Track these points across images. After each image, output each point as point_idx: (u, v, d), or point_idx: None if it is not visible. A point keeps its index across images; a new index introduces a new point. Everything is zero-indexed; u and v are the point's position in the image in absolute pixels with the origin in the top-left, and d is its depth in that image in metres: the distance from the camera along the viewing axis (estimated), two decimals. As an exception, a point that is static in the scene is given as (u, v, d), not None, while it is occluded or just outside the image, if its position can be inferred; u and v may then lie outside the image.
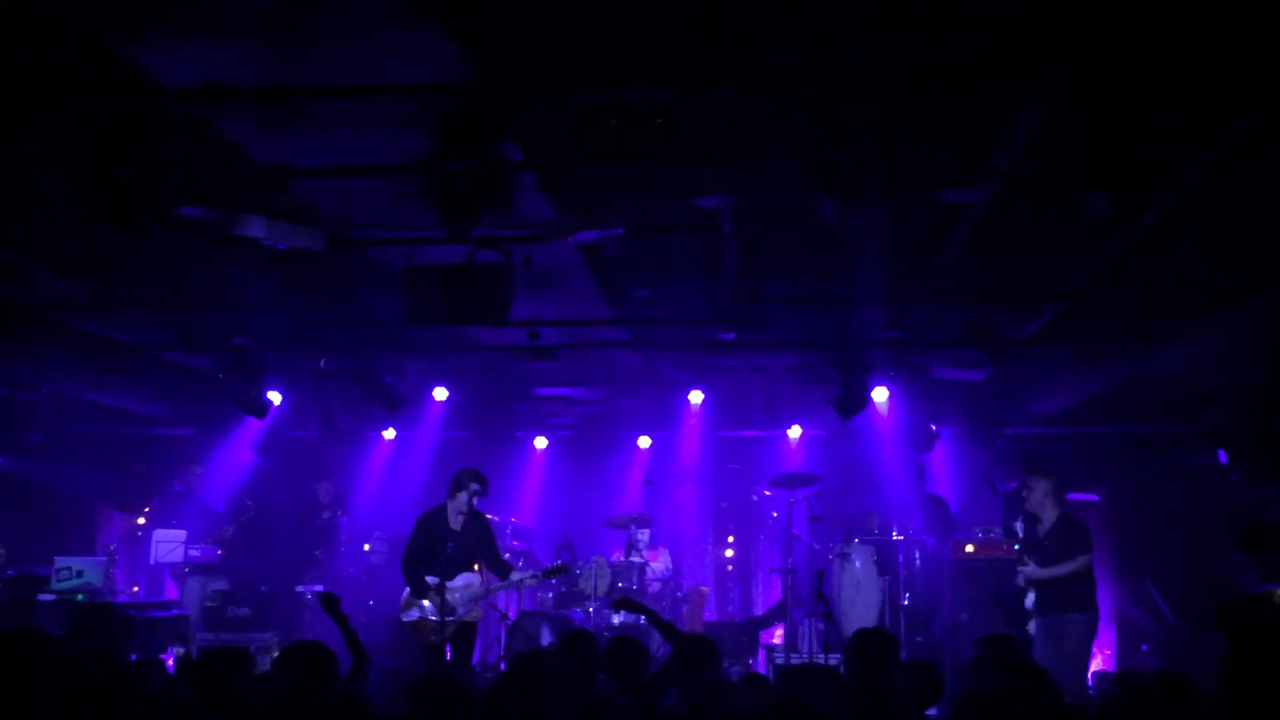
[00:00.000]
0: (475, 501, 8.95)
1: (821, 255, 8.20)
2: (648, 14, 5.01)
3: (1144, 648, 11.56)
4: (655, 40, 5.18)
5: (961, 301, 9.02)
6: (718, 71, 5.34)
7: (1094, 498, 11.48)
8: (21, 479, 12.19)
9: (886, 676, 5.47)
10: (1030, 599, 8.15)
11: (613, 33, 5.14)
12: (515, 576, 9.12)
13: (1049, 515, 8.32)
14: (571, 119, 5.44)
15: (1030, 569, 8.11)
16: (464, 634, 8.86)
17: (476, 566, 9.06)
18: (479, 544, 9.02)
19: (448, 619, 8.63)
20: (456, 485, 8.96)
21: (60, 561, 9.76)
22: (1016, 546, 9.27)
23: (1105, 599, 10.82)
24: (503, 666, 10.52)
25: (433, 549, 8.91)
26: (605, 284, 8.87)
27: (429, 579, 8.73)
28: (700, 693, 4.76)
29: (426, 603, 8.72)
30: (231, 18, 4.87)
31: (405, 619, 8.97)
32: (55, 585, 9.43)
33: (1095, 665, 11.17)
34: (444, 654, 8.70)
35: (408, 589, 8.95)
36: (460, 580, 8.85)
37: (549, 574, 9.42)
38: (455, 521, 8.96)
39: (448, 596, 8.67)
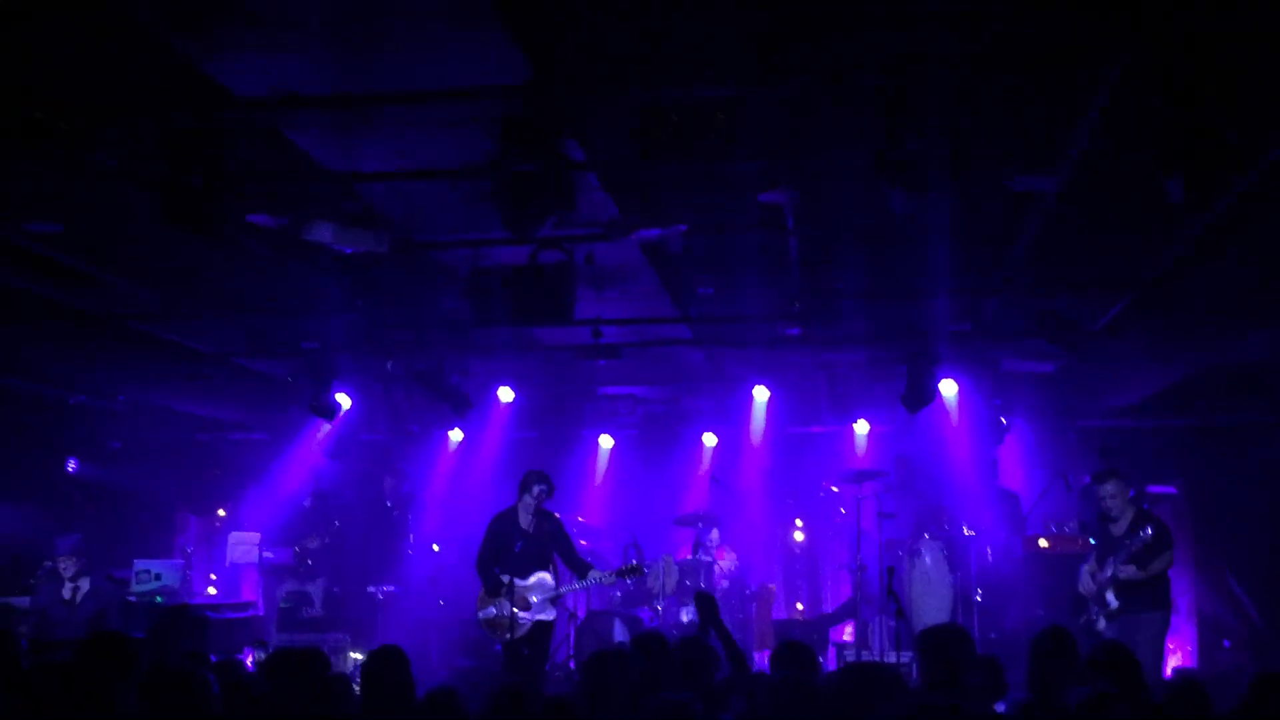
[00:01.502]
0: (543, 501, 9.01)
1: (889, 248, 8.10)
2: (709, 8, 4.98)
3: (1225, 644, 11.28)
4: (717, 34, 5.15)
5: (1033, 292, 8.86)
6: (782, 64, 5.28)
7: (1172, 490, 11.22)
8: (100, 484, 12.49)
9: (959, 673, 5.38)
10: (1112, 598, 7.98)
11: (673, 28, 5.12)
12: (593, 576, 9.16)
13: (1127, 514, 8.15)
14: (633, 117, 5.44)
15: (1130, 570, 7.91)
16: (540, 633, 8.92)
17: (551, 567, 9.12)
18: (553, 543, 9.09)
19: (523, 618, 8.70)
20: (523, 486, 9.05)
21: (139, 564, 9.97)
22: (1093, 541, 9.11)
23: (1184, 594, 10.59)
24: (572, 665, 10.56)
25: (504, 549, 8.98)
26: (668, 282, 8.87)
27: (503, 578, 8.82)
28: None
29: (504, 601, 8.81)
30: (298, 27, 4.93)
31: (482, 617, 9.06)
32: (135, 588, 9.64)
33: (1175, 662, 10.93)
34: (521, 653, 8.76)
35: (482, 589, 9.05)
36: (533, 579, 8.91)
37: (623, 574, 9.43)
38: (525, 522, 9.04)
39: (521, 595, 8.75)
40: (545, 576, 8.99)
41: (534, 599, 8.86)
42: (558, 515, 9.38)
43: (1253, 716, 4.32)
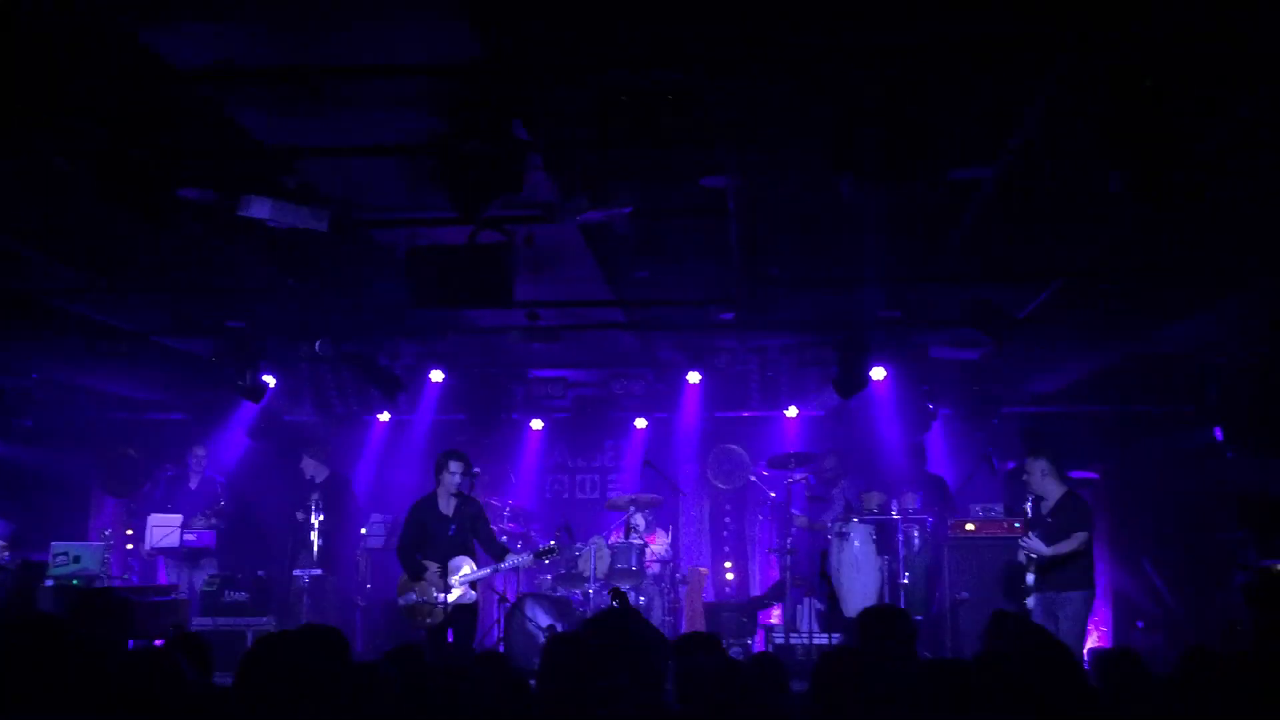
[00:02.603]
0: (462, 481, 9.05)
1: (824, 235, 8.17)
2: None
3: (1139, 625, 11.64)
4: (667, 19, 5.12)
5: (962, 281, 9.01)
6: (730, 51, 5.28)
7: (1093, 475, 11.52)
8: (13, 464, 12.10)
9: (904, 650, 5.45)
10: (1030, 576, 8.19)
11: (624, 11, 5.08)
12: (510, 560, 9.20)
13: (1053, 493, 8.36)
14: (582, 98, 5.40)
15: (1033, 543, 8.15)
16: (463, 616, 8.93)
17: (471, 551, 9.12)
18: (472, 527, 9.12)
19: (443, 602, 8.68)
20: (438, 468, 9.08)
21: (57, 547, 9.69)
22: (1018, 524, 9.33)
23: (1101, 576, 10.90)
24: (501, 649, 10.53)
25: (426, 535, 9.03)
26: (605, 265, 8.83)
27: (424, 563, 8.81)
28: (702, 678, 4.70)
29: (428, 585, 8.77)
30: (242, -4, 4.79)
31: (402, 603, 9.04)
32: (53, 571, 9.36)
33: (1091, 642, 11.25)
34: (445, 637, 8.74)
35: (403, 574, 9.02)
36: (455, 563, 8.96)
37: (540, 555, 9.53)
38: (446, 506, 9.07)
39: (443, 579, 8.74)
40: (466, 561, 9.02)
41: (455, 583, 8.88)
42: (478, 499, 9.42)
43: (1181, 687, 4.47)
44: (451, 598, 8.81)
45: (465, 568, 8.96)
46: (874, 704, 4.43)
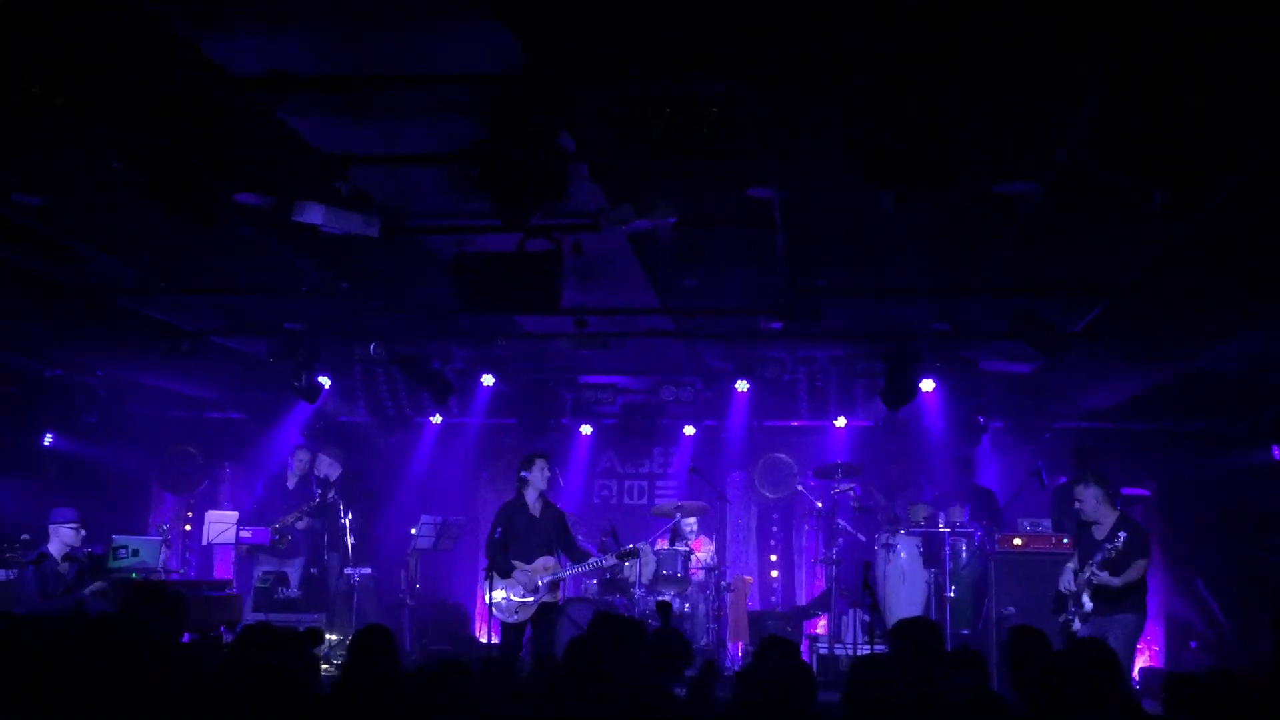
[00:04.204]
0: (550, 484, 9.44)
1: (872, 246, 8.17)
2: (704, 2, 5.01)
3: (1192, 645, 11.44)
4: (711, 29, 5.17)
5: (1012, 294, 8.95)
6: (773, 61, 5.31)
7: (1145, 493, 11.34)
8: (76, 459, 12.42)
9: (933, 664, 5.44)
10: (1088, 601, 8.07)
11: (669, 21, 5.14)
12: (594, 561, 9.64)
13: (1107, 519, 8.20)
14: (626, 108, 5.47)
15: (1104, 577, 7.99)
16: (548, 614, 9.24)
17: (556, 551, 9.45)
18: (556, 530, 9.45)
19: (529, 600, 9.08)
20: (524, 468, 9.39)
21: (117, 540, 9.95)
22: (1066, 539, 9.23)
23: (1153, 596, 10.71)
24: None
25: (514, 535, 9.28)
26: (653, 273, 8.90)
27: (514, 562, 9.15)
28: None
29: (516, 584, 9.11)
30: (294, 7, 4.93)
31: (490, 600, 9.31)
32: (111, 564, 9.62)
33: (1142, 662, 11.08)
34: (521, 636, 9.12)
35: (491, 572, 9.28)
36: (539, 563, 9.24)
37: (623, 557, 9.86)
38: (535, 508, 9.38)
39: (530, 578, 9.09)
40: (552, 561, 9.33)
41: (541, 582, 9.18)
42: (559, 506, 9.69)
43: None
44: (538, 595, 9.13)
45: (552, 567, 9.26)
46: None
